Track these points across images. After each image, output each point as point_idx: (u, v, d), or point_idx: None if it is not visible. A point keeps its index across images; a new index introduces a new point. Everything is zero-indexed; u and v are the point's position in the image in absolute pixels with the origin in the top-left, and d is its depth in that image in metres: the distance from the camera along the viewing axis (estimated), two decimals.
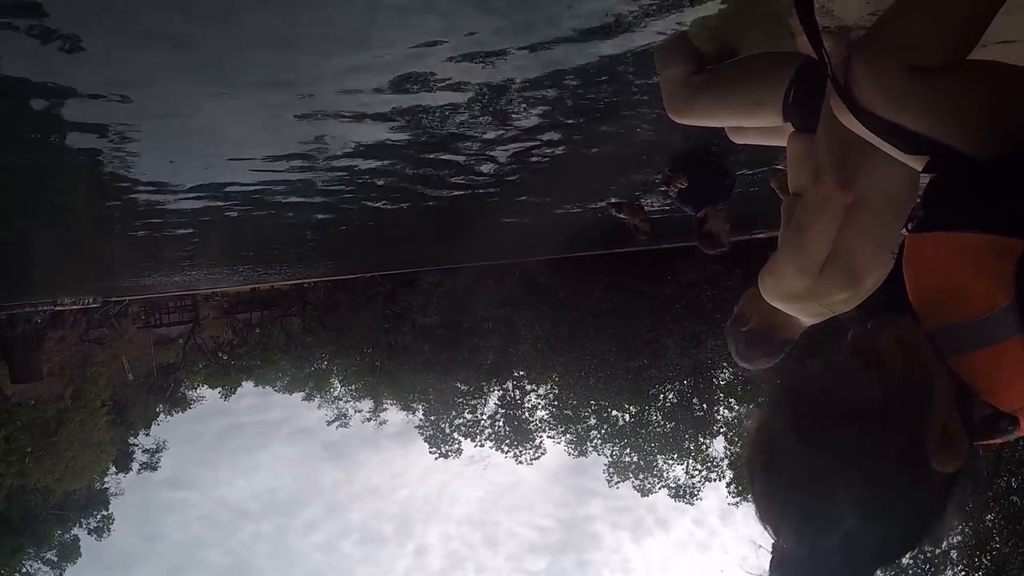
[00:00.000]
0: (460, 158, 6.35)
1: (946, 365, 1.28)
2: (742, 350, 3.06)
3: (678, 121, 3.66)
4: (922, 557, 19.87)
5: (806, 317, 2.86)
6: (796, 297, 2.75)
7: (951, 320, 1.28)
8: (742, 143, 4.06)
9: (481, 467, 52.51)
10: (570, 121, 5.40)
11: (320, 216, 9.08)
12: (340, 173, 6.53)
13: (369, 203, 8.21)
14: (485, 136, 5.60)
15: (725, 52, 3.61)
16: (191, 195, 6.90)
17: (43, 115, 4.02)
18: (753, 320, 2.98)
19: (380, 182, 7.00)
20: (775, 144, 3.48)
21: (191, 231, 9.38)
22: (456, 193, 8.16)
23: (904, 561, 20.22)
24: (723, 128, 3.91)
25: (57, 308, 25.50)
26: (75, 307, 25.97)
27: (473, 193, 8.27)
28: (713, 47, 3.56)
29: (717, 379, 30.31)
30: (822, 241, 2.59)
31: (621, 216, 8.51)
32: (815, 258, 2.61)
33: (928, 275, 1.33)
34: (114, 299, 30.26)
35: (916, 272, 1.35)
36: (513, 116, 5.09)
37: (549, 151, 6.35)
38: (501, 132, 5.53)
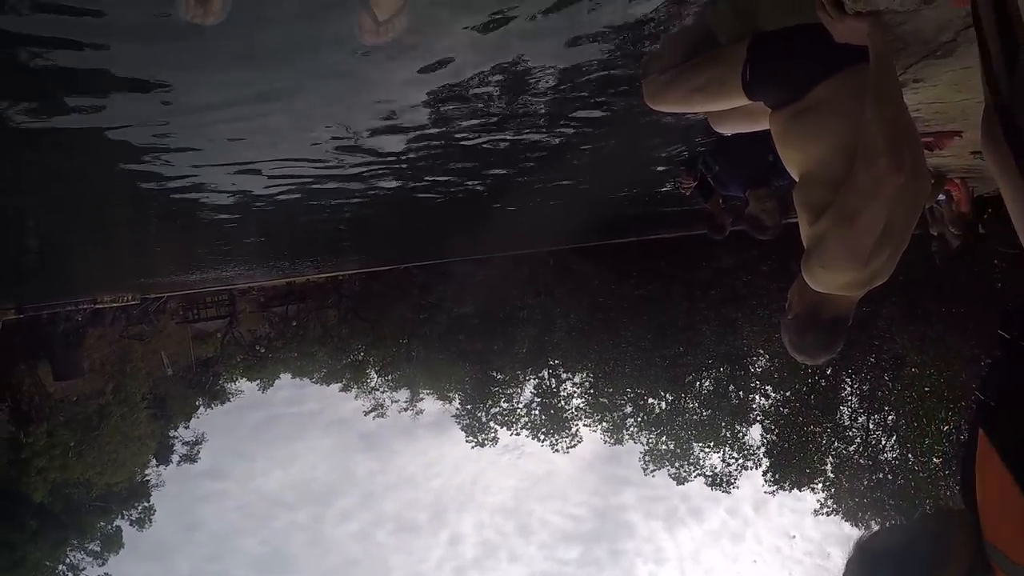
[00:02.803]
0: (494, 147, 6.36)
1: None
2: (794, 340, 2.97)
3: (653, 107, 3.65)
4: None
5: (854, 293, 2.80)
6: (852, 286, 2.72)
7: (996, 544, 1.33)
8: (728, 132, 4.06)
9: (515, 456, 52.45)
10: (605, 107, 5.39)
11: (353, 209, 9.13)
12: (373, 167, 6.56)
13: (402, 195, 8.25)
14: (516, 125, 5.61)
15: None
16: (226, 192, 6.97)
17: (82, 118, 4.08)
18: (796, 304, 2.92)
19: (412, 173, 7.04)
20: (759, 129, 3.47)
21: (227, 227, 9.48)
22: (489, 183, 8.18)
23: None
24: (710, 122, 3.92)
25: (97, 306, 25.85)
26: (114, 304, 26.33)
27: (506, 183, 8.28)
28: (736, 30, 3.55)
29: (753, 366, 30.10)
30: (876, 227, 2.54)
31: (713, 216, 7.74)
32: (868, 245, 2.57)
33: (985, 489, 1.38)
34: (152, 296, 30.64)
35: (981, 479, 1.40)
36: (547, 104, 5.10)
37: (584, 138, 6.35)
38: (534, 120, 5.54)
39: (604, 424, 34.86)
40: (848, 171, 2.62)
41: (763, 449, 29.14)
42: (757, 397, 30.20)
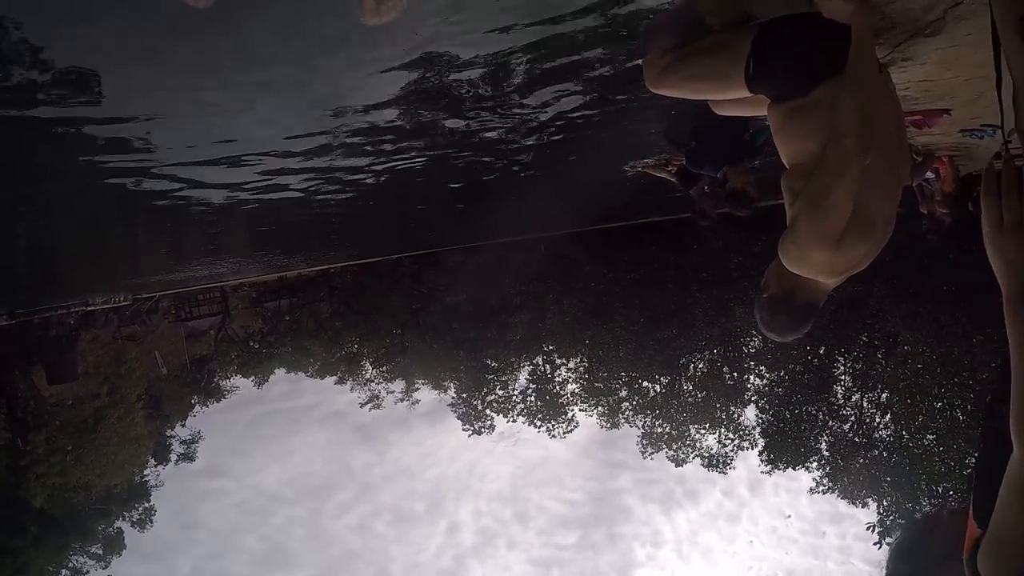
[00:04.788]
0: (484, 134, 6.35)
1: None
2: (766, 319, 3.06)
3: (654, 91, 3.65)
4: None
5: (828, 280, 2.87)
6: (820, 266, 2.76)
7: None
8: (724, 115, 4.05)
9: (511, 443, 52.61)
10: (590, 92, 5.38)
11: (343, 200, 9.10)
12: (361, 158, 6.55)
13: (391, 186, 8.23)
14: (507, 112, 5.60)
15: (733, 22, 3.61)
16: (215, 189, 6.95)
17: (68, 118, 4.06)
18: (773, 285, 2.98)
19: (401, 164, 7.02)
20: (756, 114, 3.48)
21: (215, 223, 9.44)
22: (479, 170, 8.17)
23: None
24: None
25: (89, 308, 25.79)
26: (106, 306, 26.26)
27: (496, 170, 8.27)
28: (728, 15, 3.55)
29: (746, 347, 30.16)
30: (843, 206, 2.59)
31: (695, 202, 7.76)
32: (836, 224, 2.61)
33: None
34: (144, 295, 30.54)
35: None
36: (533, 90, 5.09)
37: (571, 123, 6.34)
38: (522, 107, 5.53)
39: (600, 408, 34.91)
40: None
41: (758, 429, 29.25)
42: (751, 377, 30.28)
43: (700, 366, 31.79)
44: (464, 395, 39.17)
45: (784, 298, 2.95)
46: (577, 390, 36.25)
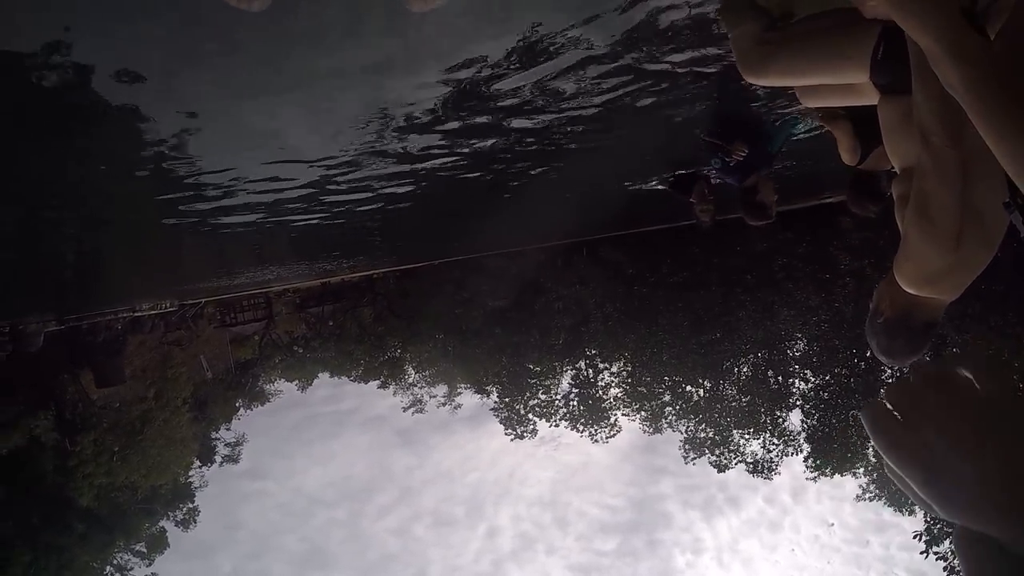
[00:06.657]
0: (521, 141, 6.32)
1: None
2: (884, 344, 2.84)
3: (753, 81, 3.38)
4: None
5: (948, 295, 2.65)
6: (941, 276, 2.54)
7: None
8: (815, 105, 3.82)
9: (551, 448, 52.61)
10: (626, 98, 5.33)
11: (385, 208, 9.10)
12: (403, 165, 6.55)
13: (433, 192, 8.23)
14: (542, 117, 5.56)
15: (789, 7, 3.42)
16: (257, 198, 6.98)
17: (115, 129, 4.09)
18: (887, 308, 2.79)
19: (442, 171, 7.00)
20: (849, 105, 3.30)
21: (258, 232, 9.49)
22: (519, 175, 8.14)
23: None
24: (793, 89, 3.63)
25: (136, 314, 26.21)
26: (153, 312, 26.69)
27: (535, 174, 8.24)
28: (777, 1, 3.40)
29: (791, 350, 29.77)
30: (950, 207, 2.36)
31: (697, 206, 7.83)
32: (949, 228, 2.39)
33: None
34: (190, 301, 30.95)
35: None
36: (574, 93, 5.05)
37: (607, 128, 6.30)
38: (559, 112, 5.49)
39: (643, 413, 34.70)
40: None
41: (804, 435, 28.85)
42: (796, 381, 29.85)
43: (744, 370, 31.44)
44: (506, 399, 39.12)
45: (901, 320, 2.77)
46: (620, 394, 36.08)
